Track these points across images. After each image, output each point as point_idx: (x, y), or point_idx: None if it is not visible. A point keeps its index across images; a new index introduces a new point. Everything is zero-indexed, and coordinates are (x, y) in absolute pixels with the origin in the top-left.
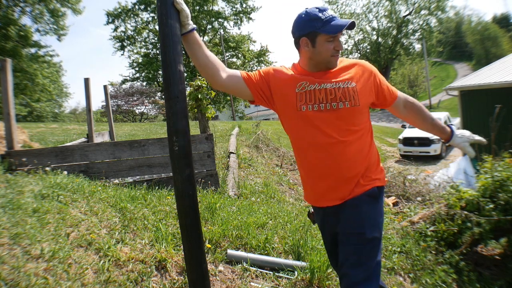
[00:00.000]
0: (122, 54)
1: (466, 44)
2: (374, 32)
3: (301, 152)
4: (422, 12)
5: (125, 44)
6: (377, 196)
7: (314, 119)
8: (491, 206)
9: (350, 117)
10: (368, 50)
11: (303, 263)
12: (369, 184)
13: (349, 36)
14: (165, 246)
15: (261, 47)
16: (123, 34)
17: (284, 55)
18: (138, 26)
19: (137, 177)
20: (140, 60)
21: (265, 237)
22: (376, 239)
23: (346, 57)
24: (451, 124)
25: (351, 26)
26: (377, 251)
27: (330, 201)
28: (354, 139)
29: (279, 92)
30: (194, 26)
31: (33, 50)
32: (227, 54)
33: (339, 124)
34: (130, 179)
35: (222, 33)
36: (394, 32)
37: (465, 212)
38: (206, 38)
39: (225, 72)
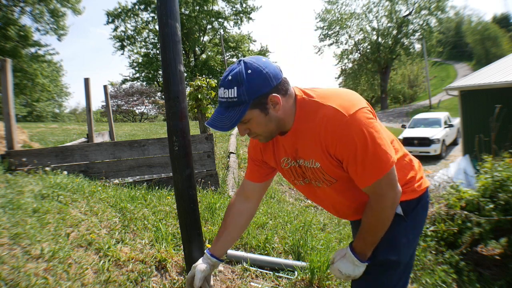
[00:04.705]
0: (122, 54)
1: (466, 44)
2: (374, 32)
3: None
4: (422, 12)
5: (125, 44)
6: (399, 213)
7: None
8: (491, 206)
9: (339, 191)
10: (368, 50)
11: (303, 263)
12: None
13: (350, 36)
14: (165, 246)
15: (261, 47)
16: (123, 34)
17: (284, 55)
18: (138, 26)
19: (137, 177)
20: (140, 60)
21: (265, 237)
22: (391, 263)
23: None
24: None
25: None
26: (391, 276)
27: (341, 218)
28: (345, 190)
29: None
30: (221, 261)
31: (33, 50)
32: (227, 54)
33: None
34: (130, 179)
35: (222, 33)
36: (394, 32)
37: (465, 212)
38: (206, 38)
39: (245, 199)
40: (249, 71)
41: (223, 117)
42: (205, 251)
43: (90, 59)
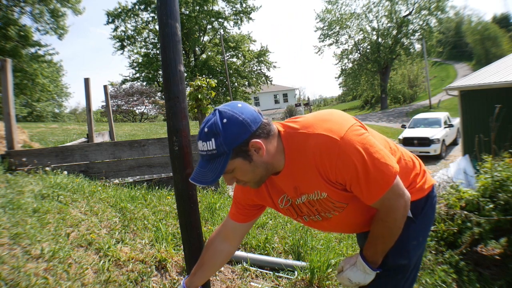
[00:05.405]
0: (122, 54)
1: (466, 44)
2: (374, 32)
3: None
4: (422, 12)
5: (125, 44)
6: (408, 215)
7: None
8: (491, 206)
9: (352, 212)
10: (368, 50)
11: (303, 263)
12: None
13: (349, 36)
14: (165, 246)
15: (261, 47)
16: (123, 34)
17: (284, 55)
18: (138, 26)
19: (137, 177)
20: (140, 60)
21: (265, 237)
22: (402, 267)
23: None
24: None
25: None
26: (400, 279)
27: (354, 232)
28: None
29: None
30: None
31: (33, 50)
32: (227, 54)
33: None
34: (130, 179)
35: (222, 33)
36: (394, 32)
37: (465, 212)
38: (206, 38)
39: (225, 239)
40: (225, 120)
41: (206, 171)
42: (181, 282)
43: (90, 59)
